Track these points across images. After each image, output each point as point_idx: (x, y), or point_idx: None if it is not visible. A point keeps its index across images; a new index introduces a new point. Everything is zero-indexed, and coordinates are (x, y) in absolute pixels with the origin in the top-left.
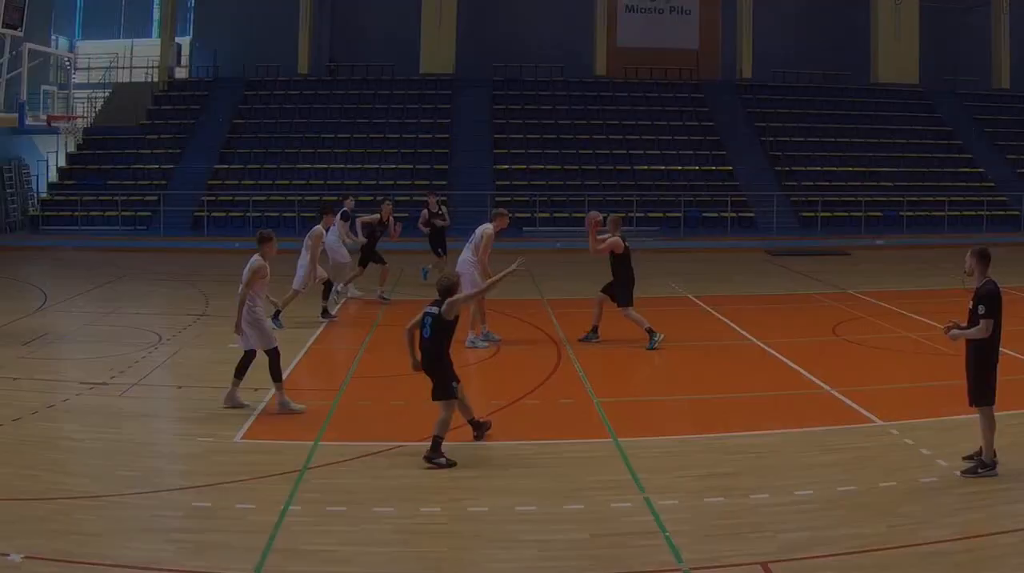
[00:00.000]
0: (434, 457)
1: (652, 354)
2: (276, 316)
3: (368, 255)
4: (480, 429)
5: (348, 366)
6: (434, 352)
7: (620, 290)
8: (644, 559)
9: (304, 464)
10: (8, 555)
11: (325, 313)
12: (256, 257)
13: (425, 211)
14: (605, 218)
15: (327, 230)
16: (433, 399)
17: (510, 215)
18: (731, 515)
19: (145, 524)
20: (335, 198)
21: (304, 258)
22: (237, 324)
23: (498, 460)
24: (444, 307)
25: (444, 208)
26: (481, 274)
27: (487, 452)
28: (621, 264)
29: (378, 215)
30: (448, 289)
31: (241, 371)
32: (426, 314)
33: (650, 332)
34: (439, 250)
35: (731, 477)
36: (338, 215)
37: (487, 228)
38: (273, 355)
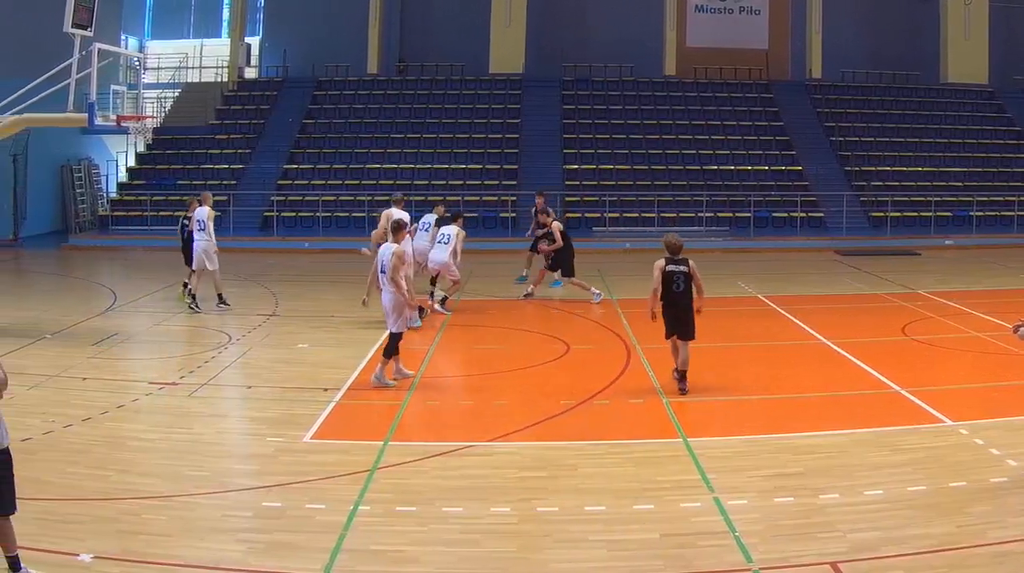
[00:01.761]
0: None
1: (721, 354)
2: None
3: None
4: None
5: (417, 366)
6: (689, 302)
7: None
8: (714, 559)
9: (374, 464)
10: (78, 555)
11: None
12: (394, 245)
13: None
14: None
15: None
16: (688, 339)
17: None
18: (800, 515)
19: (214, 524)
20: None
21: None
22: (401, 304)
23: (568, 460)
24: (692, 263)
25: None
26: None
27: (556, 452)
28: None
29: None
30: (681, 247)
31: (389, 351)
32: (679, 272)
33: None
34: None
35: (800, 477)
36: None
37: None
38: (396, 339)
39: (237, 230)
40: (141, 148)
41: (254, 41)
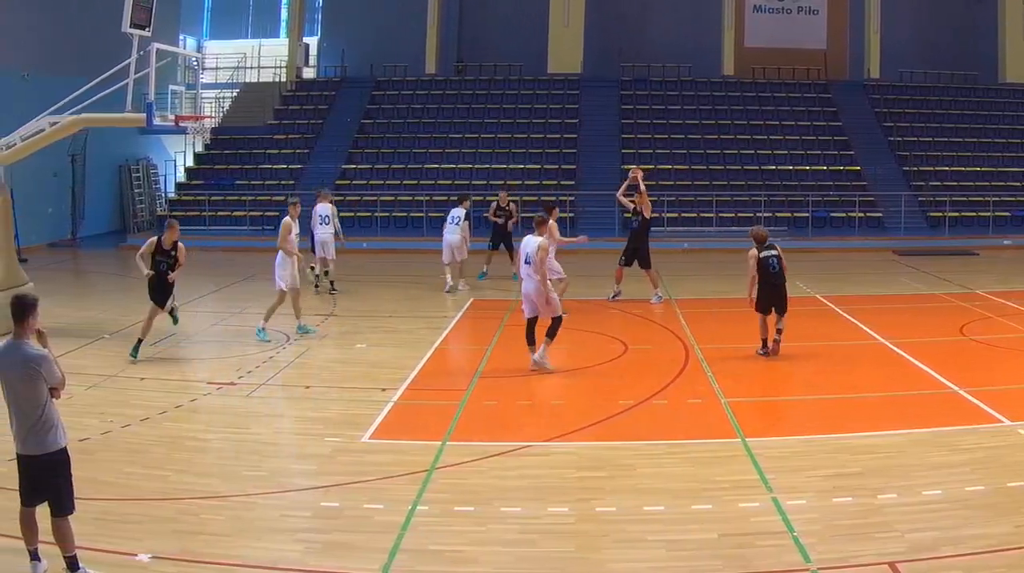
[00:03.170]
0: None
1: (780, 354)
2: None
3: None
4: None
5: (475, 367)
6: (783, 280)
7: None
8: (772, 559)
9: (432, 464)
10: (136, 555)
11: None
12: (539, 238)
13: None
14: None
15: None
16: (784, 312)
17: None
18: (859, 515)
19: (272, 524)
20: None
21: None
22: (544, 296)
23: (626, 460)
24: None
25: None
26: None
27: (615, 452)
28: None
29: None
30: (768, 236)
31: (531, 336)
32: (772, 256)
33: None
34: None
35: (858, 477)
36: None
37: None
38: (557, 322)
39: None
40: (199, 148)
41: (312, 41)
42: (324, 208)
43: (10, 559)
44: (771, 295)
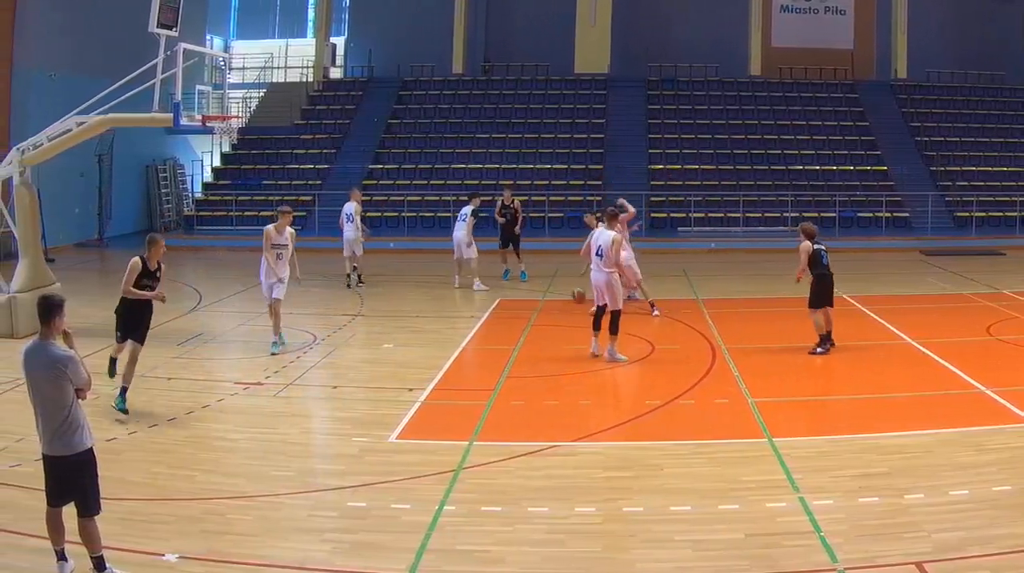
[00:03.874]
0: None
1: (807, 354)
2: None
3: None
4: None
5: (502, 366)
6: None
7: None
8: (799, 559)
9: (459, 464)
10: (163, 555)
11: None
12: (611, 231)
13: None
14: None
15: None
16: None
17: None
18: (886, 515)
19: (299, 524)
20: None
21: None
22: (613, 288)
23: (653, 460)
24: None
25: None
26: None
27: (642, 452)
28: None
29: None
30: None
31: (597, 323)
32: (823, 249)
33: None
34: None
35: (885, 477)
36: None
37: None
38: (617, 316)
39: (322, 230)
40: (226, 148)
41: (339, 41)
42: (350, 206)
43: (37, 559)
44: (825, 289)
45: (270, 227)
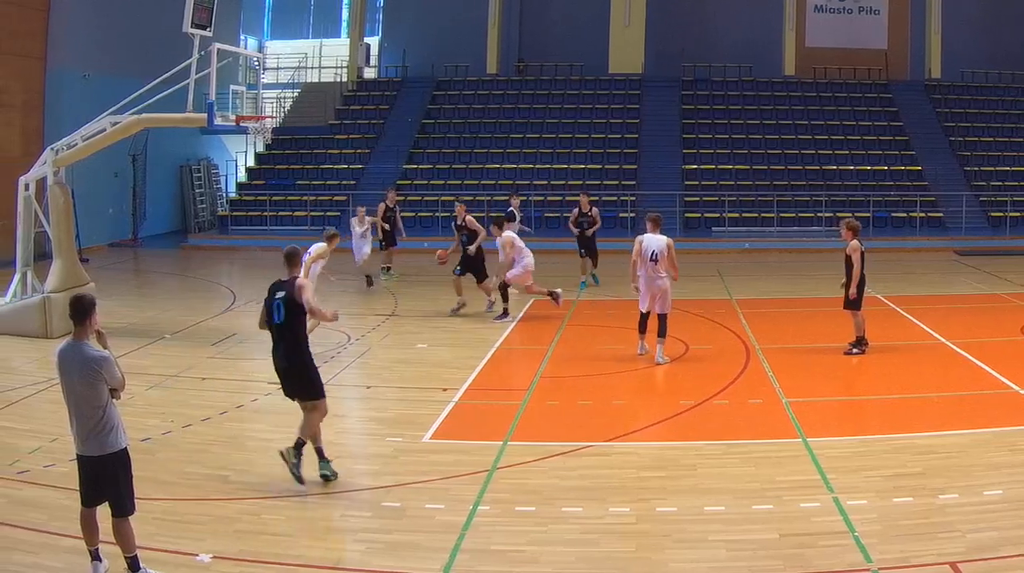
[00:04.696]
0: None
1: (840, 355)
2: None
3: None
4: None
5: (536, 367)
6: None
7: None
8: (833, 559)
9: (493, 464)
10: (197, 555)
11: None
12: (665, 238)
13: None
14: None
15: None
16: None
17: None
18: (920, 515)
19: (334, 524)
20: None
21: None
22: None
23: (687, 460)
24: None
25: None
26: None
27: (676, 452)
28: None
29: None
30: None
31: (643, 326)
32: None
33: None
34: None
35: (919, 477)
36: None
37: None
38: (664, 319)
39: None
40: (260, 148)
41: (373, 41)
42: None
43: (72, 559)
44: (863, 289)
45: (319, 247)
